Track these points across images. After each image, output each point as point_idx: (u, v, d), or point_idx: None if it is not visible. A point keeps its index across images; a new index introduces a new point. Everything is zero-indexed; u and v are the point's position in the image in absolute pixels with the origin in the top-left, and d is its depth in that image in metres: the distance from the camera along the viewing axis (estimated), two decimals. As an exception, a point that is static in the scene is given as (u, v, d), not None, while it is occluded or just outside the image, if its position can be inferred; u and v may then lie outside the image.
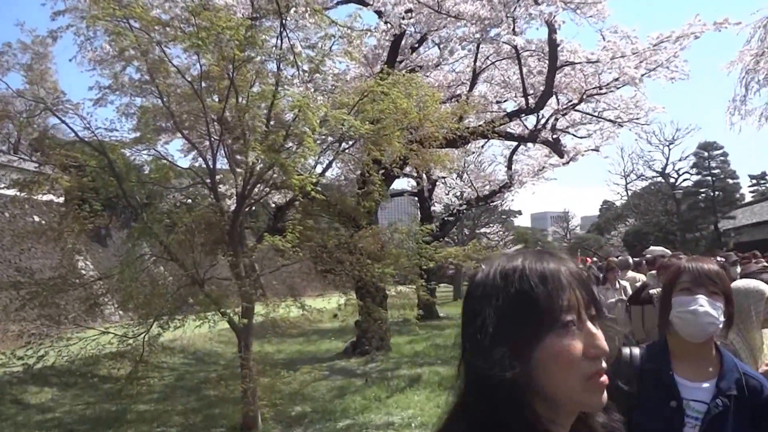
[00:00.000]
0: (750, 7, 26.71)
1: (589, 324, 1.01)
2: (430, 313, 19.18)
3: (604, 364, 1.00)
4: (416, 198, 23.58)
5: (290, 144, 8.17)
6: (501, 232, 47.04)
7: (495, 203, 30.96)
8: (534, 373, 0.98)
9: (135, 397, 8.68)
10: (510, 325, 0.99)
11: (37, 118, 7.14)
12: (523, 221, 77.81)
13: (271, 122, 8.21)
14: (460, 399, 1.05)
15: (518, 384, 0.96)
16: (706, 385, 2.06)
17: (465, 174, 23.11)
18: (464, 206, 21.60)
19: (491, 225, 43.96)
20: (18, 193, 7.40)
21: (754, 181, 56.03)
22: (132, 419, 8.38)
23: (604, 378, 1.00)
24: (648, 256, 9.61)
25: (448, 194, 23.22)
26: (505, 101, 16.60)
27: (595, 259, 26.05)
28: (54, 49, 7.41)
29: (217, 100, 8.08)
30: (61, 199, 8.30)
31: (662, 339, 2.20)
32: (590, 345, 0.99)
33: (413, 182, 22.04)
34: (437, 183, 22.14)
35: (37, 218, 8.75)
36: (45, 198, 7.86)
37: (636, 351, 2.17)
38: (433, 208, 22.99)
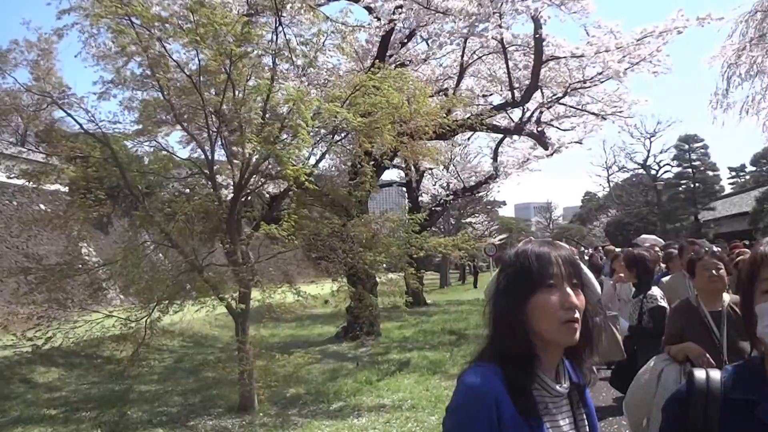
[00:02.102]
0: (732, 2, 27.16)
1: (566, 287, 1.50)
2: (417, 300, 19.59)
3: (577, 315, 1.48)
4: (404, 188, 23.93)
5: (285, 136, 8.43)
6: (486, 222, 47.55)
7: (480, 194, 31.42)
8: (529, 316, 1.49)
9: (137, 378, 8.98)
10: (515, 286, 1.54)
11: (43, 111, 7.38)
12: (506, 211, 78.15)
13: (267, 115, 8.46)
14: (488, 335, 1.59)
15: (521, 323, 1.50)
16: None
17: (452, 165, 23.45)
18: (451, 197, 21.95)
19: (477, 215, 44.40)
20: (26, 183, 7.63)
21: (734, 173, 57.08)
22: (134, 399, 8.65)
23: (575, 324, 1.48)
24: (645, 244, 8.80)
25: (435, 185, 23.55)
26: (491, 95, 16.95)
27: (583, 248, 26.60)
28: (59, 45, 7.64)
29: (214, 93, 8.33)
30: (66, 189, 8.52)
31: (757, 359, 1.58)
32: (564, 300, 1.48)
33: (402, 173, 22.39)
34: (425, 174, 22.50)
35: (42, 206, 8.97)
36: (51, 187, 8.10)
37: (716, 375, 1.60)
38: (420, 198, 23.32)
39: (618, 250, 11.01)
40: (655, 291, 5.24)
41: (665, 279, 6.44)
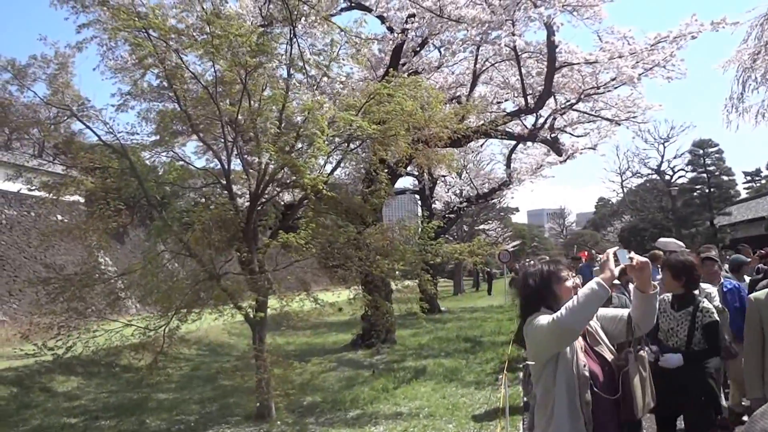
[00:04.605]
0: (747, 4, 26.94)
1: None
2: (432, 307, 19.58)
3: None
4: (417, 196, 23.95)
5: (300, 145, 8.46)
6: (499, 229, 47.45)
7: (493, 201, 31.36)
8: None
9: (155, 386, 9.03)
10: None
11: (63, 124, 7.48)
12: (519, 218, 77.88)
13: (283, 124, 8.50)
14: None
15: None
16: None
17: (465, 172, 23.46)
18: (464, 204, 21.93)
19: (490, 222, 44.32)
20: (45, 195, 7.73)
21: (749, 178, 56.55)
22: (152, 407, 8.73)
23: None
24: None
25: (448, 192, 23.56)
26: (504, 101, 16.94)
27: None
28: (76, 59, 7.74)
29: (230, 103, 8.40)
30: (83, 200, 8.62)
31: None
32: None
33: (415, 181, 22.44)
34: (438, 181, 22.53)
35: (60, 217, 9.07)
36: (70, 198, 8.19)
37: None
38: (434, 205, 23.33)
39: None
40: (708, 303, 4.45)
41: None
